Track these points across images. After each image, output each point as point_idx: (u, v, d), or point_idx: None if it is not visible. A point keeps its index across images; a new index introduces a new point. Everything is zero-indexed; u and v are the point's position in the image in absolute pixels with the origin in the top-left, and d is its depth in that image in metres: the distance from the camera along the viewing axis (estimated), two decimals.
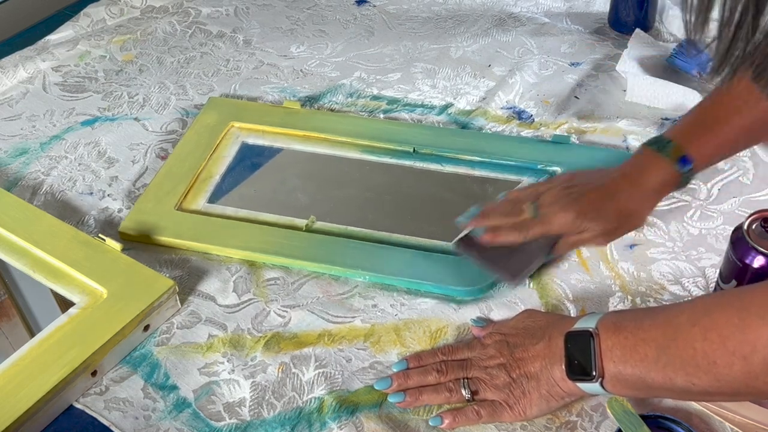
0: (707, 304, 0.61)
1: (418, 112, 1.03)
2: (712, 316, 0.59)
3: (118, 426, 0.70)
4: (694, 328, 0.59)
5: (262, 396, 0.72)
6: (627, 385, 0.63)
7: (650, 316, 0.63)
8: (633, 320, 0.64)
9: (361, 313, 0.79)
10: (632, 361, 0.62)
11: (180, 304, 0.80)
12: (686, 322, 0.60)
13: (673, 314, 0.62)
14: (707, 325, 0.58)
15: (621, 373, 0.62)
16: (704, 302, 0.62)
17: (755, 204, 0.87)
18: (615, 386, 0.63)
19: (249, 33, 1.19)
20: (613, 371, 0.63)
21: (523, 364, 0.68)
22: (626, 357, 0.62)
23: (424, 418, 0.69)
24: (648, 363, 0.61)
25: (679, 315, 0.61)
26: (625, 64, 1.06)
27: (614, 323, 0.64)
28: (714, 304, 0.60)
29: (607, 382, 0.63)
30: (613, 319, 0.65)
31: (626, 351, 0.62)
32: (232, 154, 0.97)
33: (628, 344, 0.62)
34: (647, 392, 0.64)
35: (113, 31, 1.20)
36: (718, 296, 0.60)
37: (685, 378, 0.59)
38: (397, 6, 1.25)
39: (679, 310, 0.62)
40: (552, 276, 0.81)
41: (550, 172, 0.92)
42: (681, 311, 0.61)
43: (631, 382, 0.62)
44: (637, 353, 0.61)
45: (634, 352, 0.62)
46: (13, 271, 0.82)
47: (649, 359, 0.61)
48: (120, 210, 0.91)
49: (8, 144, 1.00)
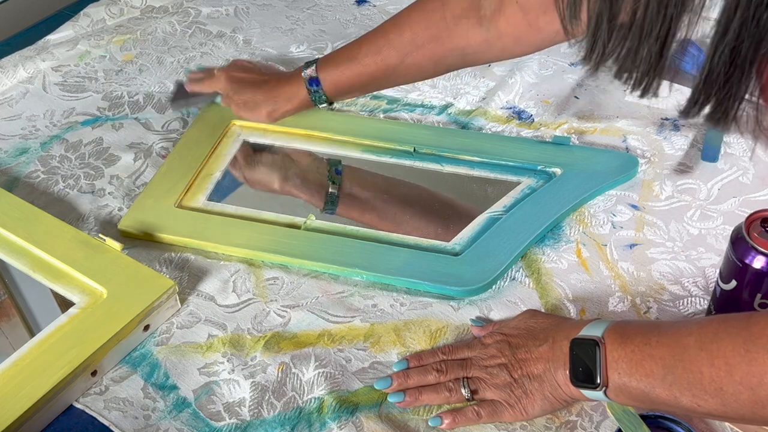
0: (716, 329, 0.59)
1: (418, 112, 1.03)
2: (719, 343, 0.58)
3: (118, 426, 0.70)
4: (701, 352, 0.58)
5: (262, 396, 0.72)
6: (631, 397, 0.62)
7: (658, 332, 0.62)
8: (641, 334, 0.63)
9: (361, 312, 0.79)
10: (638, 376, 0.61)
11: (180, 304, 0.80)
12: (694, 345, 0.59)
13: (681, 334, 0.61)
14: (714, 351, 0.57)
15: (626, 385, 0.62)
16: (713, 327, 0.60)
17: (755, 204, 0.87)
18: (618, 396, 0.63)
19: (249, 33, 1.20)
20: (618, 382, 0.62)
21: (526, 365, 0.68)
22: (632, 371, 0.61)
23: (424, 418, 0.69)
24: (654, 379, 0.60)
25: (687, 336, 0.60)
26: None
27: (621, 335, 0.63)
28: (722, 330, 0.59)
29: (610, 391, 0.63)
30: (620, 331, 0.64)
31: (632, 365, 0.62)
32: (232, 152, 0.97)
33: (635, 358, 0.62)
34: (651, 406, 0.64)
35: (113, 31, 1.20)
36: (726, 322, 0.59)
37: (691, 399, 0.59)
38: (397, 6, 1.24)
39: (687, 331, 0.61)
40: (552, 276, 0.81)
41: (549, 173, 0.92)
42: (689, 332, 0.60)
43: (635, 395, 0.62)
44: (643, 368, 0.61)
45: (640, 367, 0.61)
46: (13, 271, 0.82)
47: (655, 376, 0.60)
48: (120, 209, 0.91)
49: (8, 144, 1.00)
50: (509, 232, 0.84)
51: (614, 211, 0.88)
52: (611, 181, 0.90)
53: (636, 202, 0.89)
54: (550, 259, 0.83)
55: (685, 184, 0.90)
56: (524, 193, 0.89)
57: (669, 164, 0.93)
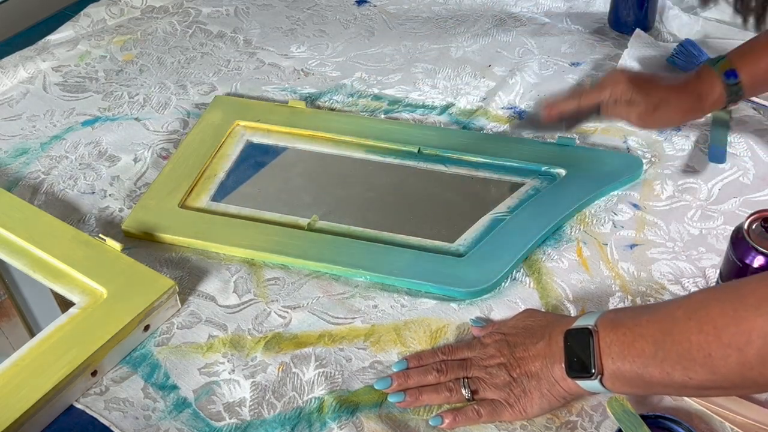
0: (703, 297, 0.61)
1: (419, 113, 1.03)
2: (707, 309, 0.59)
3: (118, 426, 0.70)
4: (689, 321, 0.59)
5: (262, 396, 0.72)
6: (626, 381, 0.63)
7: (648, 312, 0.64)
8: (631, 317, 0.64)
9: (362, 314, 0.79)
10: (630, 357, 0.62)
11: (180, 304, 0.79)
12: (682, 316, 0.60)
13: (670, 309, 0.62)
14: (702, 317, 0.59)
15: (619, 369, 0.62)
16: (700, 295, 0.62)
17: (755, 204, 0.87)
18: (614, 383, 0.64)
19: (249, 33, 1.19)
20: (611, 368, 0.63)
21: (524, 363, 0.68)
22: (624, 353, 0.62)
23: (424, 418, 0.69)
24: (645, 358, 0.61)
25: (675, 309, 0.61)
26: (626, 64, 1.06)
27: (612, 320, 0.64)
28: (709, 297, 0.61)
29: (606, 379, 0.63)
30: (612, 316, 0.65)
31: (624, 347, 0.62)
32: (236, 152, 0.97)
33: (626, 340, 0.62)
34: (646, 388, 0.65)
35: (113, 31, 1.20)
36: (714, 289, 0.60)
37: (682, 372, 0.59)
38: (398, 6, 1.25)
39: (676, 305, 0.62)
40: (552, 276, 0.81)
41: (553, 174, 0.92)
42: (678, 305, 0.62)
43: (629, 379, 0.63)
44: (634, 349, 0.62)
45: (631, 348, 0.62)
46: (13, 271, 0.82)
47: (646, 354, 0.61)
48: (121, 209, 0.91)
49: (8, 144, 1.00)
50: (513, 234, 0.84)
51: (615, 210, 0.88)
52: (615, 182, 0.90)
53: (637, 201, 0.89)
54: (550, 258, 0.83)
55: (686, 183, 0.90)
56: (528, 195, 0.89)
57: (672, 165, 0.93)
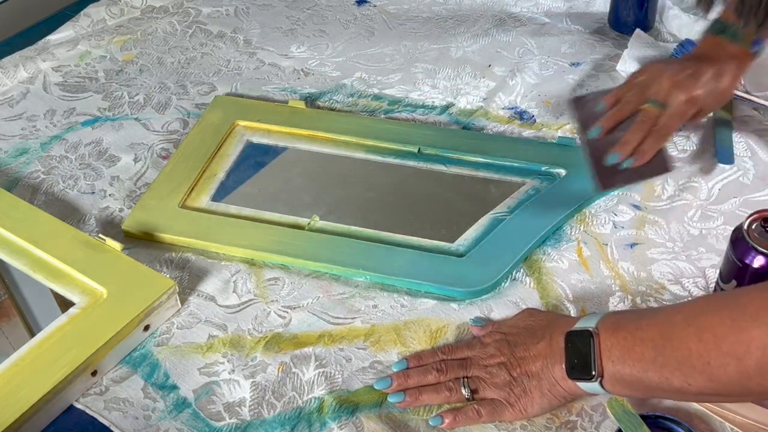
0: (703, 304, 0.61)
1: (420, 113, 1.03)
2: (707, 317, 0.59)
3: (118, 426, 0.70)
4: (689, 328, 0.59)
5: (262, 396, 0.72)
6: (625, 385, 0.63)
7: (649, 316, 0.64)
8: (632, 320, 0.64)
9: (362, 314, 0.79)
10: (630, 361, 0.62)
11: (180, 304, 0.79)
12: (682, 322, 0.60)
13: (670, 314, 0.62)
14: (702, 325, 0.59)
15: (619, 372, 0.62)
16: (701, 303, 0.62)
17: (755, 204, 0.87)
18: (614, 386, 0.64)
19: (249, 33, 1.19)
20: (611, 371, 0.63)
21: (524, 363, 0.68)
22: (624, 357, 0.62)
23: (424, 418, 0.69)
24: (645, 363, 0.61)
25: (675, 315, 0.61)
26: (626, 64, 1.06)
27: (614, 323, 0.64)
28: (710, 305, 0.61)
29: (606, 382, 0.63)
30: (613, 319, 0.65)
31: (624, 351, 0.62)
32: (236, 152, 0.97)
33: (627, 344, 0.62)
34: (645, 392, 0.65)
35: (113, 31, 1.20)
36: (714, 297, 0.60)
37: (681, 378, 0.59)
38: (398, 6, 1.25)
39: (676, 310, 0.62)
40: (552, 276, 0.81)
41: (553, 174, 0.92)
42: (678, 311, 0.62)
43: (629, 382, 0.63)
44: (634, 353, 0.62)
45: (632, 352, 0.62)
46: (13, 271, 0.82)
47: (646, 359, 0.61)
48: (121, 210, 0.91)
49: (8, 144, 1.00)
50: (513, 234, 0.84)
51: (615, 210, 0.88)
52: None
53: (638, 201, 0.89)
54: (550, 258, 0.83)
55: (687, 182, 0.90)
56: (528, 195, 0.89)
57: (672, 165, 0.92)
